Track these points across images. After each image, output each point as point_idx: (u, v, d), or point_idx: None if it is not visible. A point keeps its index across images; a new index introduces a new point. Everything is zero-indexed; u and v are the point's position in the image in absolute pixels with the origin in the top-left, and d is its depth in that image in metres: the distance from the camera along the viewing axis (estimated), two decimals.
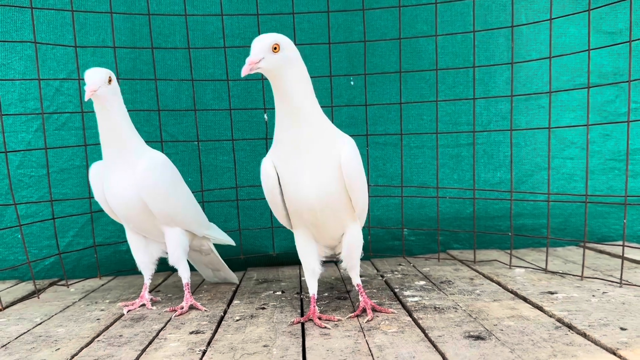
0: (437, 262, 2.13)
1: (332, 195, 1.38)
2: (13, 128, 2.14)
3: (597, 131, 2.35)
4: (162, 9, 2.17)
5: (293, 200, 1.41)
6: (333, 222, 1.45)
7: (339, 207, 1.41)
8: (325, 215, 1.41)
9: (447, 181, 2.32)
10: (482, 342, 1.21)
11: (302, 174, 1.37)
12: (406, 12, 2.24)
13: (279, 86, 1.33)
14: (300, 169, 1.37)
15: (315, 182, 1.37)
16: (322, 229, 1.46)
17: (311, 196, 1.37)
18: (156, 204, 1.61)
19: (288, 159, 1.38)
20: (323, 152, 1.37)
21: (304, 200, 1.39)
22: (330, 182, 1.37)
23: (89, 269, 2.17)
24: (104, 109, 1.56)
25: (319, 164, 1.37)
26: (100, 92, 1.53)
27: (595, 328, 1.25)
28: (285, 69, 1.31)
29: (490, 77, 2.33)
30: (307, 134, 1.35)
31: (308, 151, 1.36)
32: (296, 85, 1.34)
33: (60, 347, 1.34)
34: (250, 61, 1.28)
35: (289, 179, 1.39)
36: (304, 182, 1.37)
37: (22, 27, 2.11)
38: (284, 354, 1.21)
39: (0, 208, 2.15)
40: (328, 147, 1.38)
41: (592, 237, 2.30)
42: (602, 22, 2.32)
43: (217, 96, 2.23)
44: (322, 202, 1.38)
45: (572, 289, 1.61)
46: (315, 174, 1.37)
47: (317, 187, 1.37)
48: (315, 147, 1.36)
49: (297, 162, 1.37)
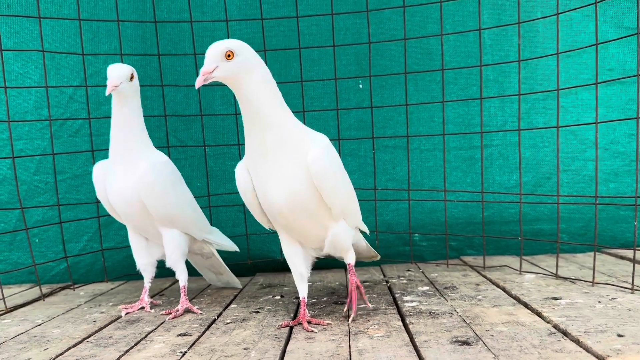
0: (447, 268, 2.06)
1: (300, 197, 1.35)
2: (29, 135, 2.21)
3: (622, 131, 2.23)
4: (173, 17, 2.20)
5: (265, 204, 1.41)
6: (309, 224, 1.42)
7: (311, 209, 1.38)
8: (297, 217, 1.38)
9: (460, 185, 2.25)
10: (467, 347, 1.15)
11: (268, 178, 1.35)
12: (416, 13, 2.20)
13: (239, 92, 1.31)
14: (267, 173, 1.35)
15: (282, 185, 1.34)
16: (300, 231, 1.44)
17: (279, 199, 1.35)
18: (153, 203, 1.62)
19: (257, 164, 1.36)
20: (289, 155, 1.34)
21: (273, 204, 1.37)
22: (297, 184, 1.34)
23: (101, 273, 2.21)
24: (121, 104, 1.61)
25: (286, 166, 1.34)
26: (121, 87, 1.58)
27: (590, 334, 1.17)
28: (242, 75, 1.29)
29: (505, 76, 2.25)
30: (271, 137, 1.32)
31: (274, 155, 1.33)
32: (257, 89, 1.31)
33: (49, 347, 1.35)
34: (203, 71, 1.26)
35: (258, 183, 1.38)
36: (271, 186, 1.35)
37: (38, 37, 2.17)
38: (261, 356, 1.18)
39: (19, 214, 2.20)
40: (295, 149, 1.34)
41: (615, 242, 2.18)
42: (624, 17, 2.21)
43: (226, 101, 2.24)
44: (290, 204, 1.35)
45: (578, 295, 1.52)
46: (282, 177, 1.34)
47: (284, 189, 1.34)
48: (281, 151, 1.33)
49: (264, 167, 1.35)
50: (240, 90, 1.31)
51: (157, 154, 1.70)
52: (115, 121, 1.62)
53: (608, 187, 2.19)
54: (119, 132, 1.62)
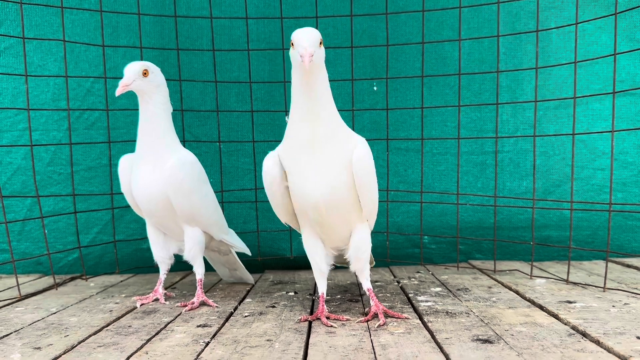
0: (457, 271, 2.08)
1: (339, 193, 1.37)
2: (45, 127, 2.22)
3: (630, 142, 2.27)
4: (192, 13, 2.22)
5: (298, 197, 1.41)
6: (339, 221, 1.43)
7: (345, 206, 1.40)
8: (330, 213, 1.40)
9: (470, 189, 2.27)
10: (489, 345, 1.17)
11: (310, 171, 1.36)
12: (432, 18, 2.23)
13: (310, 80, 1.31)
14: (309, 166, 1.36)
15: (323, 179, 1.36)
16: (328, 228, 1.45)
17: (318, 193, 1.36)
18: (180, 201, 1.63)
19: (298, 155, 1.37)
20: (335, 150, 1.36)
21: (309, 197, 1.38)
22: (338, 180, 1.36)
23: (110, 265, 2.21)
24: (144, 100, 1.63)
25: (330, 161, 1.36)
26: (134, 85, 1.59)
27: (610, 336, 1.19)
28: (322, 65, 1.33)
29: (518, 84, 2.28)
30: (324, 130, 1.35)
31: (321, 148, 1.35)
32: (323, 81, 1.35)
33: (70, 334, 1.36)
34: (308, 53, 1.23)
35: (295, 175, 1.39)
36: (310, 179, 1.36)
37: (58, 30, 2.18)
38: (285, 348, 1.20)
39: (30, 204, 2.21)
40: (341, 145, 1.37)
41: (622, 251, 2.21)
42: (636, 30, 2.25)
43: (241, 99, 2.26)
44: (328, 199, 1.37)
45: (592, 299, 1.55)
46: (325, 171, 1.36)
47: (325, 184, 1.36)
48: (330, 144, 1.36)
49: (307, 158, 1.36)
50: (314, 77, 1.31)
51: (185, 151, 1.71)
52: (142, 118, 1.64)
53: (616, 197, 2.22)
54: (145, 127, 1.64)
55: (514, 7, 2.24)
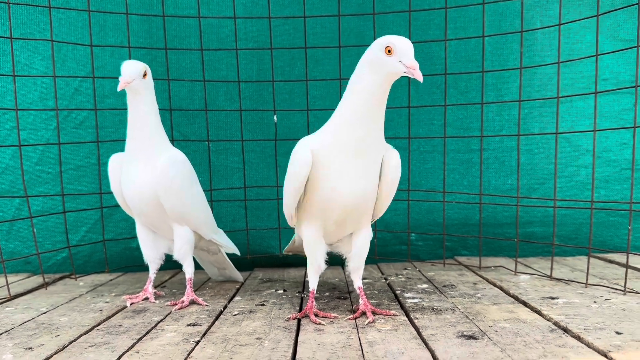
0: (443, 267, 2.12)
1: (367, 197, 1.43)
2: (33, 126, 2.21)
3: (614, 139, 2.31)
4: (180, 12, 2.22)
5: (328, 195, 1.41)
6: (354, 222, 1.48)
7: (366, 209, 1.46)
8: (353, 214, 1.45)
9: (456, 187, 2.31)
10: (473, 341, 1.20)
11: (348, 173, 1.38)
12: (419, 17, 2.25)
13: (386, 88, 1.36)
14: (349, 167, 1.38)
15: (359, 183, 1.39)
16: (340, 226, 1.49)
17: (350, 195, 1.40)
18: (170, 200, 1.64)
19: (344, 154, 1.38)
20: (374, 155, 1.41)
21: (341, 197, 1.40)
22: (371, 184, 1.42)
23: (99, 264, 2.22)
24: (136, 101, 1.62)
25: (368, 165, 1.40)
26: (134, 84, 1.59)
27: (590, 331, 1.23)
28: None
29: (504, 83, 2.32)
30: (373, 135, 1.38)
31: (365, 152, 1.38)
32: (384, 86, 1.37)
33: (60, 334, 1.37)
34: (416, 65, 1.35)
35: (337, 173, 1.39)
36: (346, 180, 1.38)
37: (45, 29, 2.18)
38: (275, 346, 1.22)
39: (18, 203, 2.21)
40: (379, 152, 1.42)
41: (604, 247, 2.26)
42: (620, 29, 2.29)
43: (230, 98, 2.27)
44: (357, 201, 1.42)
45: (574, 295, 1.59)
46: (362, 174, 1.39)
47: (360, 187, 1.40)
48: (371, 149, 1.40)
49: (353, 158, 1.38)
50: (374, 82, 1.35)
51: (175, 150, 1.72)
52: (131, 117, 1.64)
53: (599, 194, 2.27)
54: (135, 128, 1.64)
55: (500, 6, 2.27)
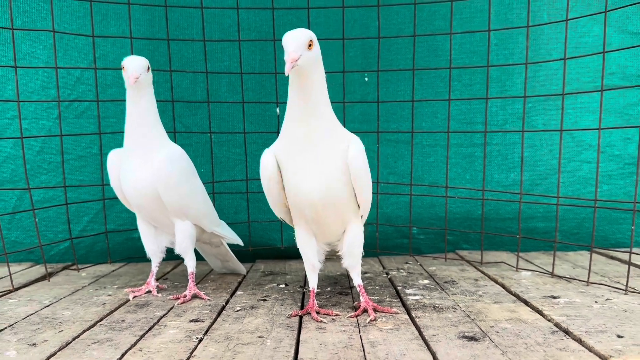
0: (444, 262, 2.12)
1: (335, 192, 1.39)
2: (35, 115, 2.20)
3: (617, 135, 2.30)
4: (182, 2, 2.20)
5: (294, 195, 1.42)
6: (333, 218, 1.45)
7: (340, 204, 1.42)
8: (326, 211, 1.41)
9: (459, 181, 2.30)
10: (475, 343, 1.20)
11: (306, 169, 1.37)
12: (424, 8, 2.23)
13: (302, 82, 1.31)
14: (306, 164, 1.37)
15: (320, 178, 1.37)
16: (322, 225, 1.47)
17: (315, 192, 1.38)
18: (169, 196, 1.63)
19: (294, 153, 1.38)
20: (330, 149, 1.38)
21: (306, 196, 1.39)
22: (335, 179, 1.38)
23: (101, 254, 2.22)
24: (140, 95, 1.62)
25: (326, 160, 1.37)
26: (140, 78, 1.58)
27: (591, 334, 1.23)
28: (314, 65, 1.32)
29: (508, 76, 2.30)
30: (320, 129, 1.36)
31: (317, 145, 1.36)
32: (318, 80, 1.35)
33: (64, 329, 1.38)
34: (291, 59, 1.23)
35: (291, 173, 1.39)
36: (307, 177, 1.37)
37: (46, 17, 2.16)
38: (277, 345, 1.22)
39: (20, 193, 2.21)
40: (336, 143, 1.39)
41: (606, 243, 2.26)
42: (628, 22, 2.26)
43: (232, 89, 2.26)
44: (324, 198, 1.39)
45: (575, 294, 1.59)
46: (320, 169, 1.37)
47: (322, 183, 1.37)
48: (325, 143, 1.37)
49: (303, 156, 1.37)
50: (305, 79, 1.31)
51: (173, 145, 1.71)
52: (131, 112, 1.63)
53: (602, 189, 2.25)
54: (135, 122, 1.63)
55: None
